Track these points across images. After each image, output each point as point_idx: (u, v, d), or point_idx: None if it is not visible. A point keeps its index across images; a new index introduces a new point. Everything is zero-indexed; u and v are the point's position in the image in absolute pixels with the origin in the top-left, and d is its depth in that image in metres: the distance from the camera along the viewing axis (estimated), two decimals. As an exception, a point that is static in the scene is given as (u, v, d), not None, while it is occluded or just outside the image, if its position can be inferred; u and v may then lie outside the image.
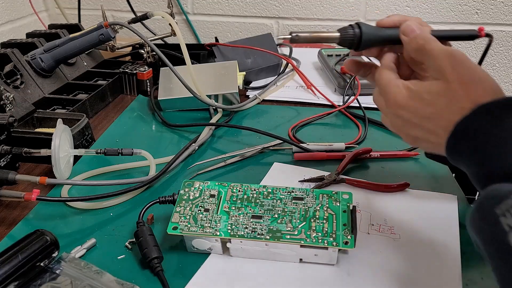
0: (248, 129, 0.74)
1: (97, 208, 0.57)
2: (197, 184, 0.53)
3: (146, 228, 0.50)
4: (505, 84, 1.25)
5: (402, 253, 0.50)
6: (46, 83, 0.84)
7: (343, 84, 0.90)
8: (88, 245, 0.50)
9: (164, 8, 1.25)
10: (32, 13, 1.15)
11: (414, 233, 0.53)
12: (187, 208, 0.50)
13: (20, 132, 0.67)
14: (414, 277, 0.46)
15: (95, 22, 0.76)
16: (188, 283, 0.46)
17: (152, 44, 0.80)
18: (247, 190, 0.52)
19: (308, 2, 1.22)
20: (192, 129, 0.78)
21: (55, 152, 0.57)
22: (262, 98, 0.89)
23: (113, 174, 0.65)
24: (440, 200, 0.58)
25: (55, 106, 0.82)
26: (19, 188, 0.61)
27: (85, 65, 0.96)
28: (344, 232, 0.46)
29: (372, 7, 1.21)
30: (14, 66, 0.78)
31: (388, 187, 0.60)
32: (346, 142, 0.72)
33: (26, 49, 0.84)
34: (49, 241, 0.46)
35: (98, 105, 0.85)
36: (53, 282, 0.44)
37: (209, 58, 1.01)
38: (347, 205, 0.50)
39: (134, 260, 0.49)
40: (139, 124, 0.81)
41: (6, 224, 0.55)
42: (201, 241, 0.48)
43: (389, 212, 0.56)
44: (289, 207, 0.50)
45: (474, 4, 1.17)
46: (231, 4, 1.24)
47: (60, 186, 0.61)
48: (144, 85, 0.91)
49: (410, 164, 0.67)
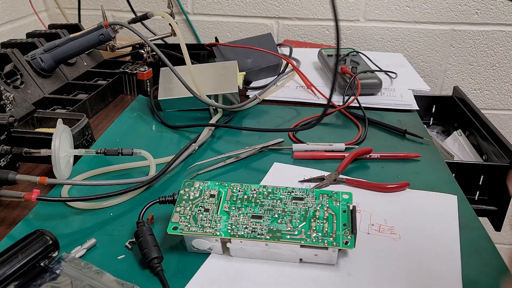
0: (248, 129, 0.74)
1: (97, 208, 0.57)
2: (197, 184, 0.53)
3: (146, 228, 0.50)
4: (505, 84, 1.25)
5: (402, 253, 0.50)
6: (46, 83, 0.84)
7: (343, 84, 0.90)
8: (88, 245, 0.50)
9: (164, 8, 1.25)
10: (32, 13, 1.15)
11: (414, 233, 0.53)
12: (187, 208, 0.50)
13: (20, 132, 0.67)
14: (414, 277, 0.46)
15: (95, 22, 0.76)
16: (188, 283, 0.46)
17: (152, 44, 0.80)
18: (247, 190, 0.52)
19: (308, 2, 1.22)
20: (192, 129, 0.78)
21: (55, 152, 0.57)
22: (262, 98, 0.89)
23: (113, 174, 0.65)
24: (440, 200, 0.58)
25: (55, 106, 0.82)
26: (19, 188, 0.61)
27: (85, 65, 0.96)
28: (344, 232, 0.46)
29: (372, 7, 1.21)
30: (14, 66, 0.78)
31: (388, 187, 0.60)
32: (346, 142, 0.72)
33: (26, 49, 0.84)
34: (49, 241, 0.46)
35: (98, 105, 0.85)
36: (53, 282, 0.44)
37: (209, 58, 1.01)
38: (347, 205, 0.50)
39: (134, 260, 0.49)
40: (139, 124, 0.81)
41: (6, 224, 0.55)
42: (201, 241, 0.48)
43: (389, 212, 0.56)
44: (289, 207, 0.50)
45: (474, 4, 1.17)
46: (231, 4, 1.24)
47: (60, 186, 0.61)
48: (144, 85, 0.91)
49: (410, 164, 0.67)
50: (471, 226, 0.54)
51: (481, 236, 0.52)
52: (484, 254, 0.49)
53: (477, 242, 0.51)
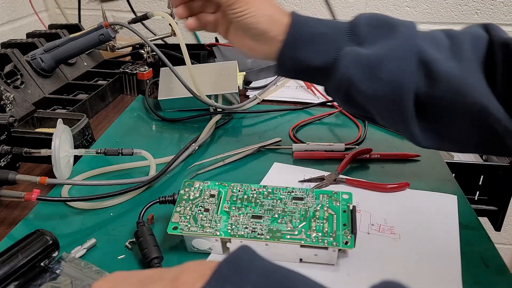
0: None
1: (97, 208, 0.57)
2: (197, 184, 0.53)
3: (146, 228, 0.50)
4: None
5: (402, 253, 0.50)
6: (46, 83, 0.84)
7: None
8: (88, 245, 0.50)
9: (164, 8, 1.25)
10: (32, 13, 1.15)
11: (414, 233, 0.53)
12: (187, 208, 0.50)
13: (20, 132, 0.67)
14: (414, 277, 0.46)
15: (95, 22, 0.76)
16: (188, 283, 0.46)
17: (152, 44, 0.80)
18: (247, 190, 0.52)
19: (308, 2, 1.22)
20: (192, 129, 0.78)
21: (55, 152, 0.57)
22: (262, 98, 0.89)
23: (113, 174, 0.65)
24: (440, 200, 0.58)
25: (55, 106, 0.82)
26: (19, 188, 0.61)
27: (85, 65, 0.96)
28: (344, 232, 0.46)
29: (372, 7, 1.21)
30: (14, 66, 0.78)
31: (388, 187, 0.60)
32: (346, 142, 0.72)
33: (26, 49, 0.84)
34: (49, 241, 0.46)
35: (98, 105, 0.85)
36: (53, 282, 0.44)
37: (209, 58, 1.01)
38: (347, 205, 0.50)
39: (134, 260, 0.49)
40: (139, 124, 0.81)
41: (6, 224, 0.55)
42: (201, 241, 0.48)
43: (389, 212, 0.56)
44: (289, 207, 0.50)
45: (474, 4, 1.17)
46: (231, 4, 1.24)
47: (60, 186, 0.61)
48: (144, 85, 0.91)
49: (410, 164, 0.67)
50: (471, 226, 0.54)
51: (481, 236, 0.52)
52: (484, 254, 0.49)
53: (477, 242, 0.51)
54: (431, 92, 0.49)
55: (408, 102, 0.50)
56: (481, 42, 0.50)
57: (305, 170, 0.65)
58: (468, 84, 0.48)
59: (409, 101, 0.50)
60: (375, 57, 0.50)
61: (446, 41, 0.51)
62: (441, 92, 0.49)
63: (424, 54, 0.50)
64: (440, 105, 0.50)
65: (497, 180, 0.83)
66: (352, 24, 0.53)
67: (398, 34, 0.51)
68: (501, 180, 0.83)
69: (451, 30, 0.53)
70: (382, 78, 0.50)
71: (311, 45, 0.53)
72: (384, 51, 0.50)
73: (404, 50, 0.50)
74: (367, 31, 0.52)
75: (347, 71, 0.51)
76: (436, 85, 0.49)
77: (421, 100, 0.50)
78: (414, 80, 0.49)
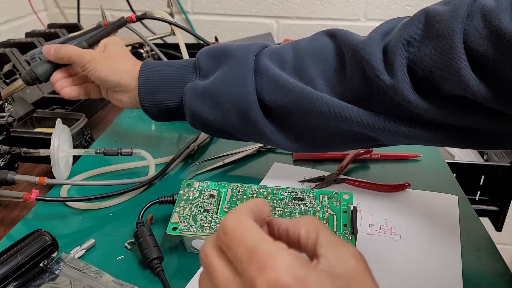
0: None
1: (97, 208, 0.57)
2: (196, 184, 0.53)
3: (145, 228, 0.49)
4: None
5: (403, 254, 0.49)
6: (45, 83, 0.83)
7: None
8: (87, 245, 0.50)
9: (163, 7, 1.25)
10: (31, 13, 1.15)
11: (415, 234, 0.52)
12: (186, 209, 0.50)
13: (19, 132, 0.67)
14: (415, 278, 0.46)
15: (95, 21, 0.76)
16: (188, 283, 0.45)
17: (151, 44, 0.79)
18: (247, 191, 0.52)
19: (308, 2, 1.22)
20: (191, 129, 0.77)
21: (54, 152, 0.57)
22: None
23: (112, 174, 0.65)
24: (441, 201, 0.58)
25: (54, 106, 0.82)
26: (18, 188, 0.60)
27: (85, 65, 0.96)
28: (345, 233, 0.46)
29: (372, 6, 1.20)
30: (13, 66, 0.78)
31: (388, 187, 0.60)
32: (346, 142, 0.72)
33: (25, 48, 0.83)
34: (48, 241, 0.45)
35: (97, 105, 0.85)
36: (52, 282, 0.44)
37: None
38: (347, 205, 0.49)
39: (134, 261, 0.48)
40: (138, 124, 0.81)
41: (5, 224, 0.55)
42: (201, 241, 0.48)
43: (390, 212, 0.56)
44: (289, 207, 0.50)
45: (474, 3, 1.17)
46: (231, 3, 1.24)
47: (59, 186, 0.60)
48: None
49: (410, 164, 0.67)
50: (472, 226, 0.54)
51: (481, 236, 0.52)
52: (485, 255, 0.49)
53: (478, 242, 0.51)
54: (275, 99, 0.52)
55: (255, 113, 0.52)
56: (325, 52, 0.52)
57: (305, 170, 0.65)
58: (311, 94, 0.50)
59: (256, 110, 0.52)
60: (211, 85, 0.55)
61: (291, 55, 0.54)
62: (286, 100, 0.51)
63: (263, 68, 0.53)
64: (288, 111, 0.52)
65: (498, 180, 0.82)
66: (196, 59, 0.58)
67: (233, 58, 0.55)
68: (502, 180, 0.82)
69: (298, 44, 0.56)
70: (221, 102, 0.54)
71: (163, 88, 0.58)
72: (219, 77, 0.55)
73: (239, 70, 0.53)
74: (206, 63, 0.57)
75: (191, 105, 0.55)
76: (280, 94, 0.52)
77: (268, 107, 0.53)
78: (253, 91, 0.52)
